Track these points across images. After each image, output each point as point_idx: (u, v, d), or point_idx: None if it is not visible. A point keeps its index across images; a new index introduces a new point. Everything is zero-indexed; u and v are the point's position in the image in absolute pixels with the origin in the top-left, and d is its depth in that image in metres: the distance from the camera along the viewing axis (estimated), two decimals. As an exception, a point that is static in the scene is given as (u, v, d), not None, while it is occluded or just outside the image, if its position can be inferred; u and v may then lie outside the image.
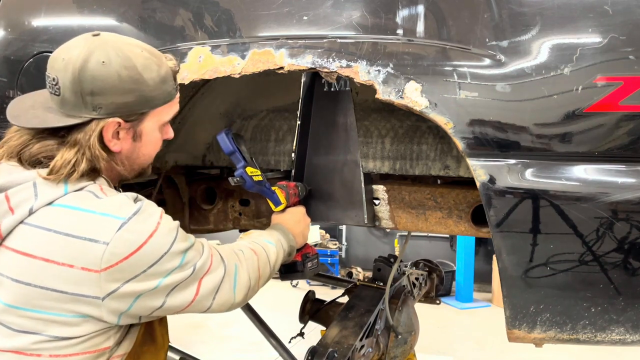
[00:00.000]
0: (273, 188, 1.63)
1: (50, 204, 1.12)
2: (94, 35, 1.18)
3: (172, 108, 1.29)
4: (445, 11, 1.41)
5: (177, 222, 1.19)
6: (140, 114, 1.21)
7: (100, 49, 1.14)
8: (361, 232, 8.15)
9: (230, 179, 1.54)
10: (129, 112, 1.18)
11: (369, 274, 2.53)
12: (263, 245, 1.45)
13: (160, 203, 2.23)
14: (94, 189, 1.16)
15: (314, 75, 1.78)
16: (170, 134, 1.34)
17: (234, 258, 1.31)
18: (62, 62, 1.14)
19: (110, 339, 1.16)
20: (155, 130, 1.27)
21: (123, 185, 2.05)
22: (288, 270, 1.69)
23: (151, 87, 1.18)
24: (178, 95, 1.30)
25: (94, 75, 1.12)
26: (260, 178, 1.57)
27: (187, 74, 1.57)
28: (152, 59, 1.20)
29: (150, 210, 1.15)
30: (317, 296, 2.43)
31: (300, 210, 1.69)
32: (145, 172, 1.34)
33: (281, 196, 1.62)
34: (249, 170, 1.54)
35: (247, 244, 1.42)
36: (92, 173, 1.18)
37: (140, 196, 1.20)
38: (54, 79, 1.15)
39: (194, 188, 2.24)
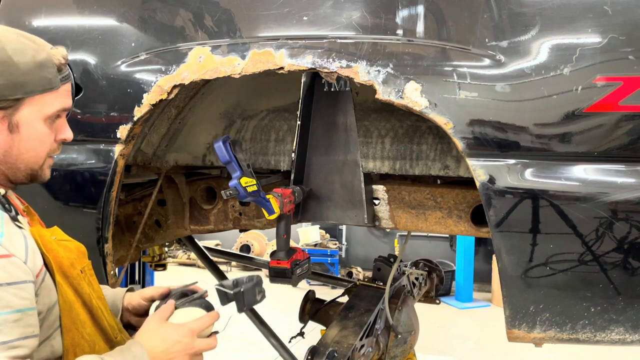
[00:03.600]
0: (268, 196, 1.62)
1: None
2: None
3: (57, 99, 1.15)
4: (445, 11, 1.41)
5: None
6: (14, 101, 1.09)
7: None
8: (361, 232, 8.16)
9: (222, 192, 1.53)
10: None
11: (369, 274, 2.53)
12: None
13: (160, 203, 2.24)
14: None
15: (314, 75, 1.78)
16: (66, 134, 1.21)
17: None
18: None
19: None
20: (37, 123, 1.14)
21: (124, 185, 2.06)
22: (277, 275, 1.69)
23: (22, 70, 1.08)
24: (67, 88, 1.18)
25: None
26: (254, 188, 1.57)
27: (188, 74, 1.57)
28: (29, 44, 1.11)
29: None
30: (317, 296, 2.43)
31: (181, 330, 1.14)
32: (37, 175, 1.19)
33: (275, 205, 1.62)
34: (244, 180, 1.54)
35: None
36: None
37: None
38: None
39: (194, 188, 2.25)
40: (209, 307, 1.20)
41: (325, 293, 2.65)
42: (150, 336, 1.14)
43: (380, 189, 1.83)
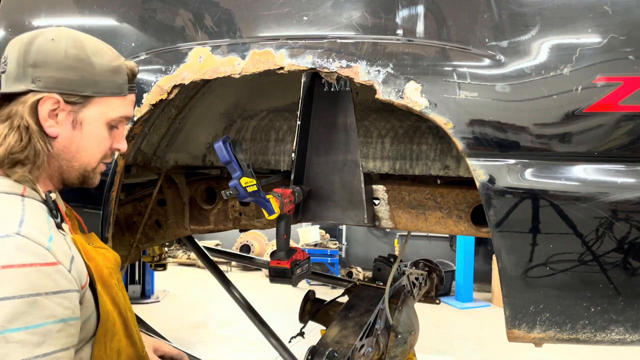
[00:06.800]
0: (268, 196, 1.63)
1: None
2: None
3: (122, 106, 1.20)
4: (445, 11, 1.41)
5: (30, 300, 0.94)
6: (82, 97, 1.13)
7: (54, 30, 1.13)
8: (361, 232, 8.16)
9: (222, 192, 1.54)
10: (68, 89, 1.10)
11: (369, 274, 2.53)
12: None
13: (160, 203, 2.24)
14: None
15: (314, 75, 1.78)
16: (121, 144, 1.24)
17: None
18: (15, 41, 1.13)
19: None
20: (99, 123, 1.17)
21: (124, 185, 2.06)
22: (277, 275, 1.70)
23: (97, 71, 1.13)
24: (132, 98, 1.23)
25: (40, 48, 1.09)
26: (254, 188, 1.57)
27: (188, 74, 1.57)
28: (108, 51, 1.18)
29: None
30: (317, 296, 2.43)
31: None
32: (88, 178, 1.21)
33: (275, 205, 1.63)
34: (244, 181, 1.54)
35: None
36: (22, 162, 1.09)
37: (22, 231, 0.99)
38: (4, 57, 1.12)
39: (194, 188, 2.25)
40: None
41: (325, 293, 2.65)
42: None
43: (380, 189, 1.83)
